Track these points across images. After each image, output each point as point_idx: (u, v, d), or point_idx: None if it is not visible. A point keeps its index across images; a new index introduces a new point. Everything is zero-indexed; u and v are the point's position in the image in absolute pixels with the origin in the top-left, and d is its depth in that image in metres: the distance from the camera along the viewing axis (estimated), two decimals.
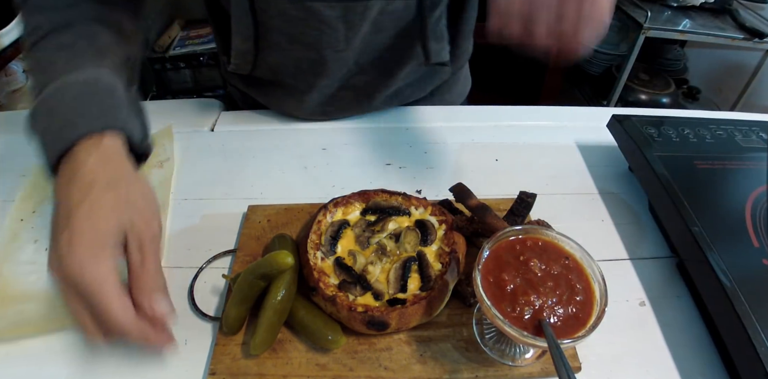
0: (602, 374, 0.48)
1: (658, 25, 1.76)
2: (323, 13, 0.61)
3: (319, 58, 0.67)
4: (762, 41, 1.71)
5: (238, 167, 0.71)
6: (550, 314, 0.41)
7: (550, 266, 0.44)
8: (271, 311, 0.47)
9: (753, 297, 0.45)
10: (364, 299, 0.49)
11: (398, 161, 0.72)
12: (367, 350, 0.48)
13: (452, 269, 0.50)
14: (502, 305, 0.41)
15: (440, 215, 0.56)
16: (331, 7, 0.61)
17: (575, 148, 0.75)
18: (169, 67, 2.07)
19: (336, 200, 0.57)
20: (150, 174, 0.68)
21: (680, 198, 0.55)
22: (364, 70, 0.71)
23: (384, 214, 0.57)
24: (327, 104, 0.76)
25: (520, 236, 0.46)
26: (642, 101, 2.05)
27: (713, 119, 0.70)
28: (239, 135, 0.77)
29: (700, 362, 0.49)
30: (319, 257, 0.52)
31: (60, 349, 0.49)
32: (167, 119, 0.78)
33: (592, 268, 0.43)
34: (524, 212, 0.57)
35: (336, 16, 0.62)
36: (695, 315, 0.53)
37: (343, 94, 0.75)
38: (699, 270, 0.50)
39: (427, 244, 0.53)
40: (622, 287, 0.55)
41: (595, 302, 0.42)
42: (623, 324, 0.51)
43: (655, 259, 0.59)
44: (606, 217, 0.64)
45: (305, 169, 0.71)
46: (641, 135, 0.65)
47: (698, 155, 0.62)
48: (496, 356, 0.47)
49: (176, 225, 0.62)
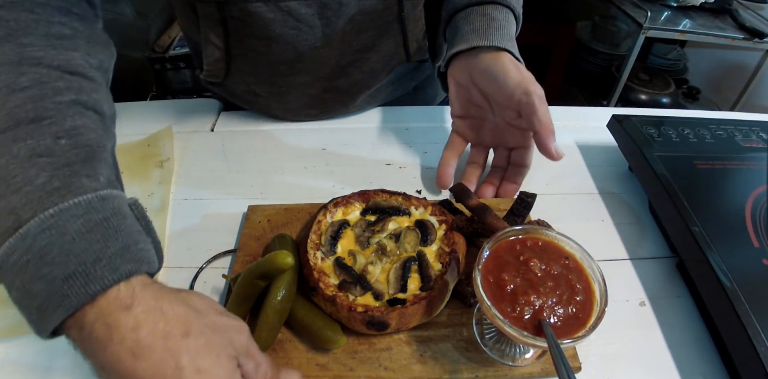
0: (602, 374, 0.48)
1: (658, 25, 1.77)
2: (299, 11, 0.61)
3: (297, 57, 0.67)
4: (762, 41, 1.71)
5: (238, 167, 0.71)
6: (550, 314, 0.41)
7: (550, 266, 0.44)
8: (271, 311, 0.47)
9: (753, 297, 0.45)
10: (364, 299, 0.49)
11: (398, 161, 0.72)
12: (367, 350, 0.48)
13: (452, 269, 0.50)
14: (502, 305, 0.41)
15: (440, 215, 0.56)
16: (307, 5, 0.61)
17: (575, 148, 0.75)
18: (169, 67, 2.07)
19: (336, 200, 0.57)
20: (150, 174, 0.68)
21: (680, 198, 0.55)
22: (346, 72, 0.72)
23: (384, 214, 0.57)
24: (311, 106, 0.77)
25: (520, 236, 0.46)
26: (642, 101, 2.05)
27: (713, 119, 0.70)
28: (239, 135, 0.77)
29: (700, 362, 0.49)
30: (319, 257, 0.52)
31: (60, 349, 0.49)
32: (167, 119, 0.79)
33: (592, 268, 0.43)
34: (524, 212, 0.57)
35: (312, 14, 0.62)
36: (695, 315, 0.53)
37: (327, 97, 0.75)
38: (699, 270, 0.50)
39: (427, 244, 0.53)
40: (622, 287, 0.55)
41: (595, 302, 0.42)
42: (623, 324, 0.51)
43: (655, 259, 0.59)
44: (606, 217, 0.64)
45: (305, 169, 0.71)
46: (641, 135, 0.65)
47: (698, 155, 0.62)
48: (496, 356, 0.47)
49: (176, 225, 0.62)
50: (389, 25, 0.67)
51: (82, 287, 0.33)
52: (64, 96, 0.40)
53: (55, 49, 0.42)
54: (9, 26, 0.40)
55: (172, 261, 0.57)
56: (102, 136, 0.41)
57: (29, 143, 0.36)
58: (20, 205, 0.34)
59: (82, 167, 0.37)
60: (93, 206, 0.35)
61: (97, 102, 0.43)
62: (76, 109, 0.40)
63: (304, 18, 0.62)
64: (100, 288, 0.33)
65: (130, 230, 0.37)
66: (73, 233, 0.34)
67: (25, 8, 0.41)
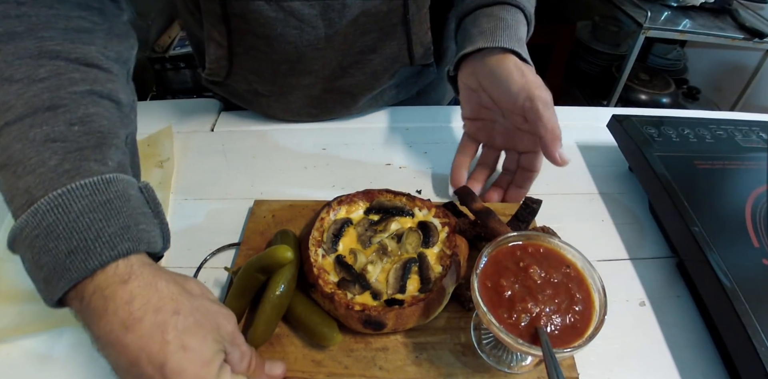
0: (602, 374, 0.48)
1: (658, 25, 1.76)
2: (302, 11, 0.61)
3: (299, 57, 0.67)
4: (762, 41, 1.71)
5: (238, 167, 0.71)
6: (547, 322, 0.40)
7: (550, 273, 0.43)
8: (269, 305, 0.47)
9: (753, 297, 0.45)
10: (363, 297, 0.49)
11: (398, 161, 0.72)
12: (363, 349, 0.48)
13: (452, 272, 0.50)
14: (498, 311, 0.41)
15: (443, 218, 0.56)
16: (310, 5, 0.61)
17: (575, 148, 0.75)
18: (169, 67, 2.07)
19: (340, 199, 0.57)
20: (150, 174, 0.68)
21: (680, 198, 0.55)
22: (349, 73, 0.71)
23: (387, 214, 0.57)
24: (312, 106, 0.76)
25: (520, 242, 0.45)
26: (642, 101, 2.05)
27: (713, 119, 0.70)
28: (239, 135, 0.77)
29: (700, 362, 0.49)
30: (320, 254, 0.52)
31: (60, 349, 0.49)
32: (167, 119, 0.79)
33: (593, 277, 0.43)
34: (529, 217, 0.56)
35: (315, 14, 0.62)
36: (695, 315, 0.53)
37: (329, 97, 0.75)
38: (699, 270, 0.50)
39: (428, 246, 0.53)
40: (622, 287, 0.55)
41: (594, 312, 0.41)
42: (623, 324, 0.51)
43: (655, 259, 0.59)
44: (606, 217, 0.64)
45: (305, 169, 0.71)
46: (641, 135, 0.65)
47: (698, 155, 0.62)
48: (493, 363, 0.47)
49: (176, 225, 0.62)
50: (393, 27, 0.67)
51: (82, 262, 0.35)
52: (79, 86, 0.43)
53: (73, 42, 0.44)
54: (30, 21, 0.43)
55: (171, 261, 0.57)
56: (115, 124, 0.44)
57: (44, 129, 0.40)
58: (34, 184, 0.37)
59: (92, 152, 0.40)
60: (98, 188, 0.38)
61: (113, 91, 0.46)
62: (90, 98, 0.43)
63: (306, 18, 0.62)
64: (98, 264, 0.35)
65: (132, 211, 0.39)
66: (77, 211, 0.36)
67: (46, 4, 0.44)
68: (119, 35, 0.50)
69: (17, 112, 0.40)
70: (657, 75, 2.13)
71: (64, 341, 0.50)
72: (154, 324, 0.35)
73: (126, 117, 0.47)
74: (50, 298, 0.36)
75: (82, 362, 0.48)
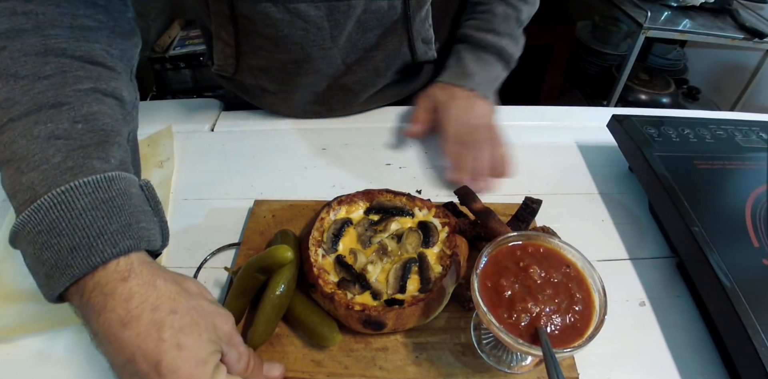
0: (602, 374, 0.48)
1: (658, 25, 1.76)
2: (308, 13, 0.61)
3: (305, 57, 0.67)
4: (762, 41, 1.71)
5: (238, 167, 0.71)
6: (547, 322, 0.40)
7: (550, 273, 0.43)
8: (269, 305, 0.47)
9: (753, 297, 0.45)
10: (363, 297, 0.49)
11: (398, 161, 0.72)
12: (363, 349, 0.48)
13: (452, 272, 0.50)
14: (498, 311, 0.41)
15: (444, 218, 0.56)
16: (316, 7, 0.61)
17: (575, 149, 0.75)
18: (169, 67, 2.07)
19: (340, 198, 0.57)
20: (150, 174, 0.68)
21: (680, 198, 0.55)
22: (351, 70, 0.72)
23: (387, 214, 0.57)
24: (316, 103, 0.77)
25: (520, 242, 0.45)
26: (642, 101, 2.05)
27: (713, 119, 0.70)
28: (239, 135, 0.77)
29: (700, 362, 0.49)
30: (320, 254, 0.52)
31: (60, 349, 0.49)
32: (167, 119, 0.79)
33: (593, 277, 0.43)
34: (529, 217, 0.57)
35: (321, 16, 0.62)
36: (695, 315, 0.53)
37: (332, 94, 0.75)
38: (699, 270, 0.50)
39: (428, 246, 0.53)
40: (622, 287, 0.55)
41: (594, 312, 0.41)
42: (623, 324, 0.51)
43: (655, 259, 0.59)
44: (606, 217, 0.64)
45: (305, 169, 0.71)
46: (641, 135, 0.65)
47: (698, 155, 0.62)
48: (493, 363, 0.47)
49: (176, 225, 0.62)
50: (394, 24, 0.67)
51: (84, 259, 0.36)
52: (83, 84, 0.43)
53: (78, 40, 0.45)
54: (37, 18, 0.43)
55: (171, 261, 0.57)
56: (118, 122, 0.45)
57: (49, 126, 0.40)
58: (37, 181, 0.38)
59: (95, 150, 0.41)
60: (100, 186, 0.38)
61: (116, 89, 0.46)
62: (94, 96, 0.44)
63: (312, 20, 0.62)
64: (100, 261, 0.36)
65: (133, 209, 0.40)
66: (80, 208, 0.37)
67: (53, 2, 0.44)
68: (123, 33, 0.51)
69: (22, 108, 0.40)
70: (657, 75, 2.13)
71: (64, 340, 0.50)
72: (150, 322, 0.35)
73: (128, 114, 0.48)
74: (51, 293, 0.37)
75: (81, 362, 0.48)
